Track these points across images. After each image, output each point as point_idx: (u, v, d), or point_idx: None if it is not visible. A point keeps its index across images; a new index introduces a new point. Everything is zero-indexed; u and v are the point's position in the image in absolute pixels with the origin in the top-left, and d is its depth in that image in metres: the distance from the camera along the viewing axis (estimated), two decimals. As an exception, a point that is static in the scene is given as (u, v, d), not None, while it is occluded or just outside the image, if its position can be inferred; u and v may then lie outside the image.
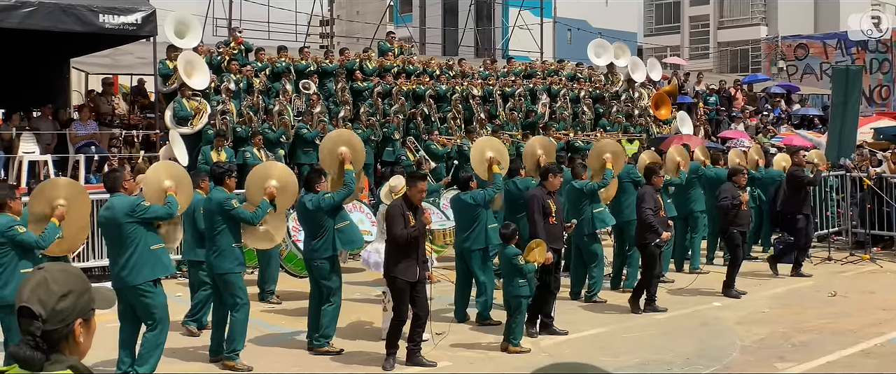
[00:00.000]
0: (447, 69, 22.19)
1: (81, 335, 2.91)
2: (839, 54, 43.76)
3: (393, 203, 9.51)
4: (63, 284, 2.89)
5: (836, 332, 10.94)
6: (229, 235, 9.55)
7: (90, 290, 2.97)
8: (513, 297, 10.13)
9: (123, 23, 15.04)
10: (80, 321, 2.91)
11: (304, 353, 10.09)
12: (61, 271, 2.95)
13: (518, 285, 10.12)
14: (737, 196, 13.15)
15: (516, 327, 10.11)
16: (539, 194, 10.90)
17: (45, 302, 2.85)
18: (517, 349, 10.03)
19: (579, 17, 46.29)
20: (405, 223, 9.14)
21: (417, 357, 9.43)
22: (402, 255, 9.20)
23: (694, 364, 9.56)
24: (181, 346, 10.31)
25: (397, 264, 9.23)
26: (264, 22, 31.48)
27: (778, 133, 25.62)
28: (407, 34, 42.00)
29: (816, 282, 14.41)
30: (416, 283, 9.27)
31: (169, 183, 9.14)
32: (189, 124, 17.04)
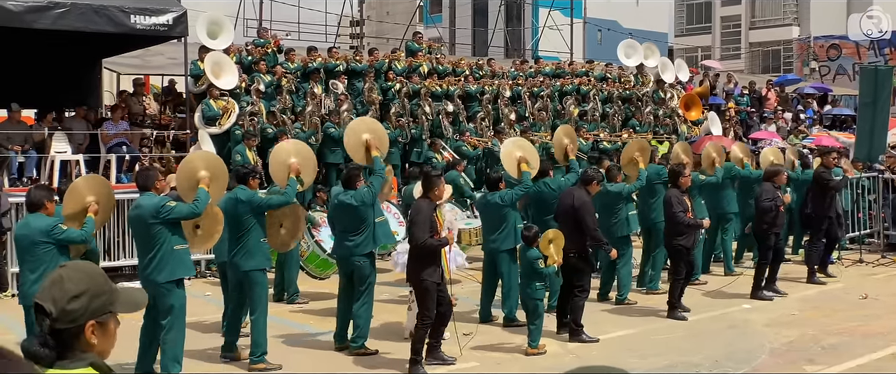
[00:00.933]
0: (477, 70, 22.21)
1: (94, 337, 2.89)
2: (872, 55, 43.45)
3: (419, 204, 9.44)
4: (78, 283, 2.89)
5: (866, 335, 10.86)
6: (258, 231, 9.62)
7: (109, 293, 2.95)
8: (529, 299, 10.13)
9: (155, 24, 15.14)
10: (93, 323, 2.89)
11: (328, 353, 10.12)
12: (80, 271, 2.94)
13: (535, 288, 10.12)
14: (778, 197, 13.00)
15: (534, 329, 10.08)
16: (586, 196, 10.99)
17: (57, 300, 2.85)
18: (535, 351, 10.01)
19: (610, 18, 46.19)
20: (432, 228, 9.12)
21: (438, 352, 9.45)
22: (430, 257, 9.19)
23: (722, 367, 9.51)
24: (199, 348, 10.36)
25: (424, 267, 9.19)
26: (294, 22, 31.58)
27: (810, 134, 25.44)
28: (436, 35, 42.03)
29: (847, 284, 14.30)
30: (442, 282, 9.30)
31: (203, 174, 9.04)
32: (217, 124, 17.13)
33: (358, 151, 10.37)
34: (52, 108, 17.24)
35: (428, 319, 9.22)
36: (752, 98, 28.59)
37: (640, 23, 49.03)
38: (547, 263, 10.13)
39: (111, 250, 14.28)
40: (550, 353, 10.06)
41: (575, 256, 10.67)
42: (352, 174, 10.27)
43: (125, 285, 9.47)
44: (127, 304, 3.02)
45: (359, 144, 10.34)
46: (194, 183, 9.00)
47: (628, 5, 51.67)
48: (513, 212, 11.44)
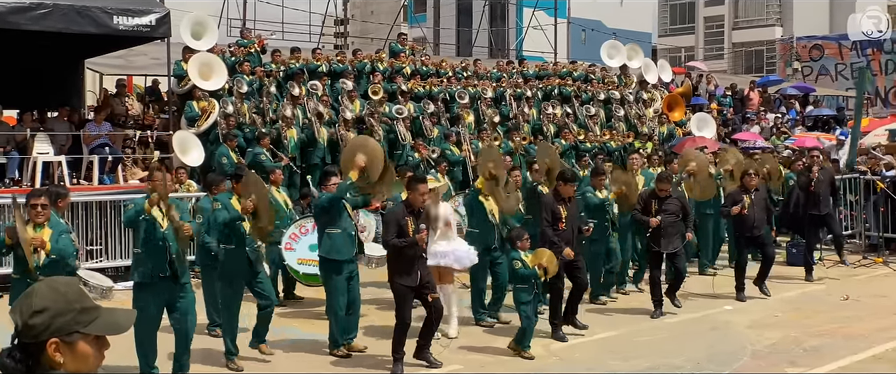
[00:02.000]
0: (461, 71, 22.21)
1: (59, 355, 2.83)
2: (855, 55, 43.62)
3: (392, 208, 9.49)
4: (42, 299, 2.84)
5: (847, 336, 10.91)
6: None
7: (79, 312, 2.87)
8: (516, 302, 10.16)
9: (138, 24, 15.10)
10: (55, 341, 2.83)
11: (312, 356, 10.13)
12: (52, 287, 2.90)
13: (519, 290, 10.13)
14: (738, 200, 13.12)
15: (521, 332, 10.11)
16: (549, 199, 10.94)
17: (22, 313, 2.82)
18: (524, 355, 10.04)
19: (594, 18, 46.21)
20: (399, 231, 9.11)
21: (425, 354, 9.46)
22: (400, 260, 9.19)
23: (704, 368, 9.56)
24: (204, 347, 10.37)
25: (396, 270, 9.22)
26: (278, 22, 31.50)
27: (792, 135, 25.54)
28: (421, 34, 42.01)
29: (828, 286, 14.38)
30: (426, 285, 9.26)
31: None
32: (195, 125, 17.09)
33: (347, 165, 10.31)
34: (35, 108, 17.16)
35: (401, 323, 9.24)
36: (735, 99, 28.68)
37: (624, 23, 49.05)
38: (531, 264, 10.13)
39: (93, 252, 14.23)
40: (534, 356, 10.05)
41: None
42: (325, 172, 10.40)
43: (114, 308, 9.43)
44: (106, 326, 2.94)
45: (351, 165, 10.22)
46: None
47: (612, 5, 51.70)
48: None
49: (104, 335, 2.94)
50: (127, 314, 3.03)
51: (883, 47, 43.11)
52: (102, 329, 2.93)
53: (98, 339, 2.93)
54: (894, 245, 17.61)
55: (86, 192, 14.65)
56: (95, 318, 2.92)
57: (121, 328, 2.99)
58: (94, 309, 2.93)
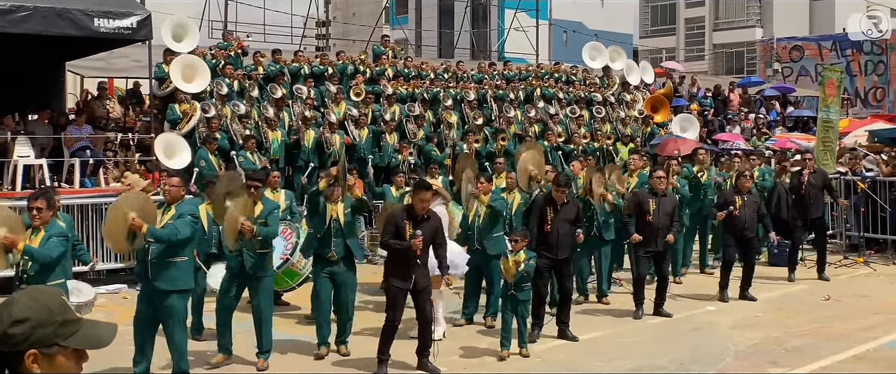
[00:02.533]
0: (442, 73, 22.22)
1: (37, 367, 2.80)
2: (834, 56, 43.86)
3: (393, 211, 9.49)
4: (23, 310, 2.80)
5: (829, 337, 10.97)
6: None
7: (61, 324, 2.84)
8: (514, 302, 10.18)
9: (119, 27, 15.02)
10: (34, 353, 2.79)
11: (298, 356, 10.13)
12: (34, 297, 2.86)
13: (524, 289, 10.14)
14: (731, 202, 13.14)
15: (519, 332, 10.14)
16: (540, 200, 10.96)
17: (2, 322, 2.78)
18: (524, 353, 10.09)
19: (575, 19, 46.38)
20: (396, 232, 9.10)
21: (426, 364, 9.43)
22: (397, 261, 9.20)
23: (687, 369, 9.59)
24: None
25: (391, 271, 9.25)
26: (260, 24, 31.50)
27: (772, 136, 25.65)
28: (403, 36, 42.03)
29: (810, 286, 14.46)
30: (421, 291, 9.25)
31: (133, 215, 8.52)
32: (177, 128, 17.04)
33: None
34: (15, 111, 17.07)
35: (389, 322, 9.24)
36: (716, 100, 28.78)
37: (606, 24, 49.28)
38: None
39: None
40: (516, 357, 10.07)
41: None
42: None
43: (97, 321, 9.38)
44: (87, 340, 2.91)
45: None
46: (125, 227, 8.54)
47: (593, 6, 51.94)
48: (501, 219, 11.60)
49: (84, 349, 2.91)
50: (109, 327, 2.99)
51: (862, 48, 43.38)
52: (83, 343, 2.90)
53: (77, 352, 2.89)
54: (875, 245, 17.71)
55: (67, 195, 14.57)
56: (76, 331, 2.88)
57: (102, 343, 2.95)
58: (76, 322, 2.89)
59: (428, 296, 9.38)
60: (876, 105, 42.11)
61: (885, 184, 17.42)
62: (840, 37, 45.70)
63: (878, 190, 17.38)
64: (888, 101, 42.48)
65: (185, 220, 8.72)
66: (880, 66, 43.11)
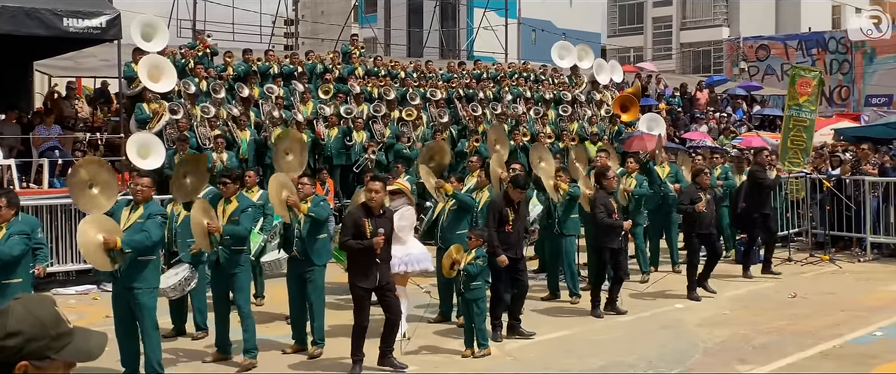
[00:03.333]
0: (412, 72, 22.25)
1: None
2: (800, 55, 44.34)
3: (349, 211, 9.50)
4: (18, 322, 2.81)
5: (795, 333, 11.10)
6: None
7: (51, 338, 2.85)
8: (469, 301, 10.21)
9: (88, 26, 14.96)
10: (25, 364, 2.80)
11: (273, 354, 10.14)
12: (29, 309, 2.87)
13: (470, 287, 10.17)
14: (696, 199, 13.25)
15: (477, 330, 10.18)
16: (498, 201, 11.00)
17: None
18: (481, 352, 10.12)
19: (544, 18, 46.51)
20: (356, 232, 9.11)
21: (389, 359, 9.47)
22: (360, 262, 9.19)
23: (656, 367, 9.67)
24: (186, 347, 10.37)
25: (354, 273, 9.22)
26: (229, 23, 31.40)
27: (739, 134, 25.89)
28: (372, 35, 42.02)
29: (777, 283, 14.61)
30: (385, 287, 9.29)
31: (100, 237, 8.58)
32: (147, 128, 16.98)
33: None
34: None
35: (358, 325, 9.25)
36: (683, 99, 29.00)
37: (574, 23, 49.43)
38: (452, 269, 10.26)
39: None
40: (488, 356, 10.13)
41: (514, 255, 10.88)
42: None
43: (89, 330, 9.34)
44: (78, 353, 2.92)
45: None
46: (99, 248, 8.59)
47: (562, 6, 52.08)
48: (469, 217, 11.64)
49: (75, 361, 2.93)
50: (99, 339, 3.01)
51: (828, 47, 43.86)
52: (74, 356, 2.91)
53: (67, 363, 2.91)
54: (841, 243, 17.93)
55: (36, 196, 14.52)
56: (68, 343, 2.89)
57: (92, 356, 2.97)
58: (69, 334, 2.91)
59: (393, 291, 9.43)
60: (841, 104, 42.63)
61: (849, 182, 17.63)
62: (806, 36, 46.23)
63: (843, 188, 17.59)
64: (853, 99, 42.98)
65: (155, 221, 8.78)
66: (845, 65, 43.65)
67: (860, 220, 17.31)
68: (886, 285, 14.43)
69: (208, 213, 9.54)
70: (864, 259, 16.88)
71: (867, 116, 26.47)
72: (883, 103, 40.69)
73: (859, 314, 12.10)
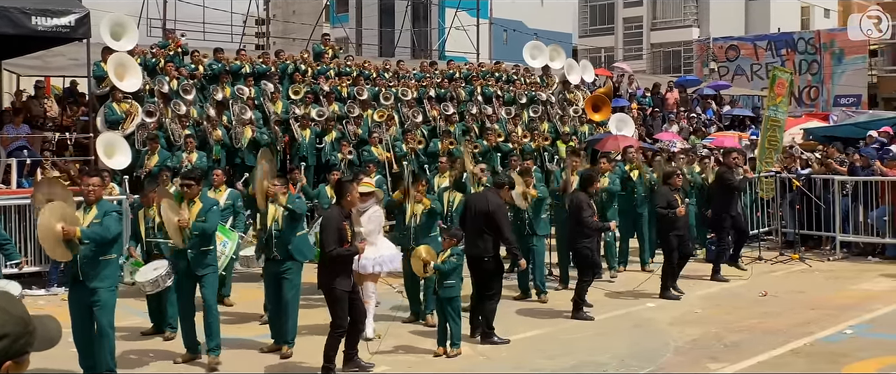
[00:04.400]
0: (383, 72, 22.21)
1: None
2: (769, 56, 44.62)
3: (327, 214, 9.45)
4: (3, 326, 2.82)
5: (766, 332, 11.16)
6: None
7: (29, 334, 2.88)
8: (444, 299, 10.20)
9: (56, 25, 14.83)
10: (10, 363, 2.83)
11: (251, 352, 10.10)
12: (7, 311, 2.86)
13: (444, 287, 10.17)
14: (673, 201, 13.29)
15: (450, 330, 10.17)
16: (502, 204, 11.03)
17: None
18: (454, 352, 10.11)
19: (515, 18, 46.57)
20: (341, 238, 9.07)
21: (355, 360, 9.44)
22: (338, 265, 9.15)
23: (628, 365, 9.70)
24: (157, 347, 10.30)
25: (335, 275, 9.14)
26: (199, 22, 31.24)
27: (710, 134, 26.02)
28: (343, 35, 41.92)
29: (747, 282, 14.69)
30: (353, 289, 9.27)
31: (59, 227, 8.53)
32: (120, 128, 16.86)
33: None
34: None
35: (339, 327, 9.18)
36: (655, 99, 29.12)
37: (545, 23, 49.50)
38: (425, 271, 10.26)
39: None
40: (461, 355, 10.14)
41: (489, 260, 10.77)
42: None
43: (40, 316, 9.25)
44: (43, 342, 2.95)
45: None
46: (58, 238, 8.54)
47: (533, 6, 52.15)
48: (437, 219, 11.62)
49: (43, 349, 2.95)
50: (53, 322, 3.03)
51: (797, 48, 44.17)
52: (42, 345, 2.95)
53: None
54: (810, 242, 18.05)
55: (4, 196, 14.39)
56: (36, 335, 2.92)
57: (54, 342, 3.01)
58: (35, 326, 2.93)
59: (358, 293, 9.44)
60: (810, 104, 42.94)
61: (819, 181, 17.75)
62: (775, 36, 46.54)
63: (813, 187, 17.70)
64: (822, 99, 43.30)
65: (111, 217, 8.80)
66: (814, 65, 43.97)
67: (830, 219, 17.43)
68: (856, 284, 14.54)
69: (176, 209, 9.53)
70: (833, 258, 17.00)
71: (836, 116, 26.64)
72: (851, 103, 41.03)
73: (829, 313, 12.19)
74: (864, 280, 14.88)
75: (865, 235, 17.15)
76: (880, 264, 16.39)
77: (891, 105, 42.52)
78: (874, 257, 17.01)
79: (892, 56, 44.88)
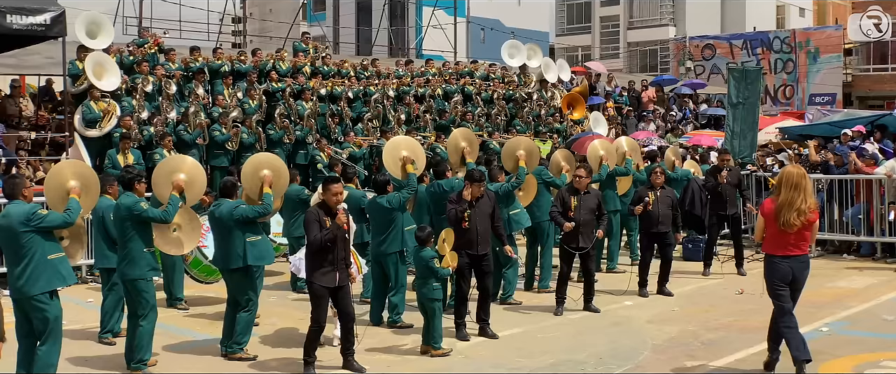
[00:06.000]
0: (362, 70, 22.19)
1: None
2: (745, 54, 44.84)
3: (308, 210, 9.45)
4: None
5: (743, 330, 11.22)
6: (140, 240, 9.46)
7: None
8: (427, 300, 10.19)
9: (32, 23, 14.76)
10: None
11: (218, 359, 10.06)
12: None
13: (432, 288, 10.19)
14: (644, 197, 13.35)
15: (435, 330, 10.17)
16: (454, 200, 10.99)
17: None
18: (440, 352, 10.11)
19: (492, 17, 46.62)
20: (321, 228, 9.09)
21: (352, 363, 9.43)
22: (320, 260, 9.15)
23: (606, 364, 9.75)
24: (95, 354, 10.20)
25: (316, 270, 9.17)
26: (176, 21, 31.13)
27: (686, 132, 26.14)
28: (320, 33, 41.83)
29: (724, 280, 14.76)
30: (339, 288, 9.26)
31: (73, 184, 8.89)
32: (98, 126, 16.77)
33: (254, 186, 10.27)
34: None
35: (315, 322, 9.21)
36: (631, 97, 29.22)
37: (522, 22, 49.56)
38: (442, 263, 10.24)
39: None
40: (441, 354, 10.14)
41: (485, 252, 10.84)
42: (228, 184, 10.36)
43: None
44: None
45: (256, 177, 10.22)
46: (64, 194, 8.84)
47: (510, 5, 52.22)
48: (400, 215, 11.48)
49: None
50: None
51: (772, 47, 44.41)
52: None
53: None
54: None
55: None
56: None
57: None
58: None
59: (349, 294, 9.41)
60: (785, 103, 43.16)
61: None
62: (751, 35, 46.77)
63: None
64: (797, 98, 43.55)
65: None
66: (789, 64, 44.20)
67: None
68: (831, 282, 14.62)
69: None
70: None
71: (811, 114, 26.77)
72: (826, 102, 41.26)
73: (805, 310, 12.17)
74: (839, 278, 14.99)
75: (841, 233, 17.26)
76: (855, 262, 16.52)
77: (865, 104, 42.80)
78: (849, 255, 17.13)
79: (867, 55, 45.13)
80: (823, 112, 27.26)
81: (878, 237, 16.59)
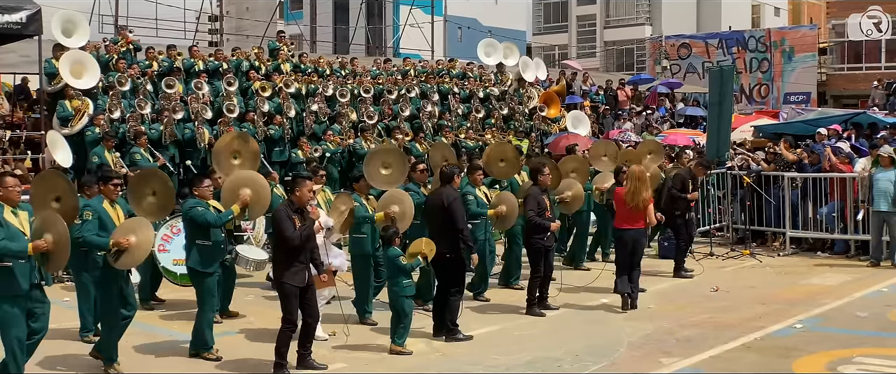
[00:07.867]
0: (339, 69, 22.17)
1: None
2: (721, 54, 45.04)
3: (277, 208, 9.42)
4: None
5: (718, 327, 11.31)
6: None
7: None
8: (397, 298, 10.19)
9: (7, 21, 14.72)
10: None
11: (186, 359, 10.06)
12: None
13: (402, 286, 10.20)
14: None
15: (402, 328, 10.17)
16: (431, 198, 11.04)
17: None
18: (400, 350, 10.11)
19: (470, 16, 46.64)
20: (293, 226, 9.09)
21: (308, 361, 9.42)
22: (290, 259, 9.12)
23: (582, 361, 9.78)
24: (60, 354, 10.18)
25: (286, 269, 9.13)
26: (152, 19, 30.99)
27: (662, 132, 26.24)
28: (297, 31, 41.74)
29: (699, 277, 14.85)
30: (306, 288, 9.25)
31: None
32: (69, 125, 16.70)
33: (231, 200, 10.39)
34: None
35: (288, 323, 9.19)
36: (608, 96, 29.32)
37: (500, 21, 49.62)
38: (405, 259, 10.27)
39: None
40: (418, 352, 10.18)
41: (450, 255, 10.78)
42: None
43: None
44: None
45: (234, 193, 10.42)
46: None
47: (487, 4, 52.24)
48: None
49: None
50: None
51: (748, 46, 44.64)
52: None
53: None
54: (761, 238, 18.28)
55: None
56: None
57: None
58: None
59: (314, 294, 9.43)
60: (760, 101, 43.38)
61: (769, 178, 17.96)
62: (726, 35, 46.97)
63: (763, 184, 17.91)
64: (772, 97, 43.78)
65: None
66: (765, 63, 44.42)
67: (780, 215, 17.63)
68: (805, 279, 14.75)
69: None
70: (783, 254, 17.22)
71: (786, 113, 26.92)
72: (801, 101, 41.49)
73: (780, 308, 12.37)
74: (813, 275, 15.11)
75: (815, 230, 17.38)
76: (829, 260, 16.63)
77: (840, 103, 43.03)
78: (823, 252, 17.25)
79: (841, 55, 45.40)
80: (798, 111, 27.41)
81: (852, 235, 16.71)
